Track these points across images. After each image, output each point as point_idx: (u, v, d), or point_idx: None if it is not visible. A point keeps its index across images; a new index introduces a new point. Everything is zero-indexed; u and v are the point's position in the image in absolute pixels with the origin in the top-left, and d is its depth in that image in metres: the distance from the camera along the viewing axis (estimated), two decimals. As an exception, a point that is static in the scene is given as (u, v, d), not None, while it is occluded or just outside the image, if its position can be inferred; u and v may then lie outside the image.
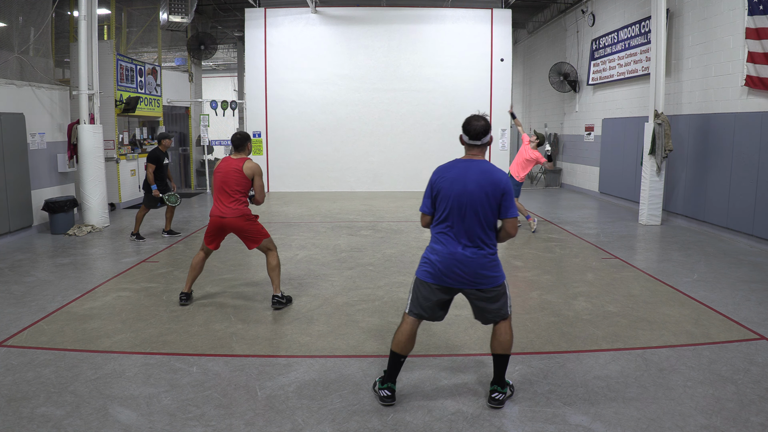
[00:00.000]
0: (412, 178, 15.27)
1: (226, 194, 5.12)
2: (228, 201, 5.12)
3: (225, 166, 5.17)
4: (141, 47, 15.17)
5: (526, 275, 6.56)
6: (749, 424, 3.24)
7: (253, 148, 15.09)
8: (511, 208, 3.37)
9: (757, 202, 7.93)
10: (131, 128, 12.98)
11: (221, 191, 5.15)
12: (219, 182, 5.16)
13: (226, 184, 5.11)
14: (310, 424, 3.27)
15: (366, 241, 8.46)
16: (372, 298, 5.64)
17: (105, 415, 3.35)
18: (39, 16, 9.49)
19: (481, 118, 3.61)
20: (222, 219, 5.13)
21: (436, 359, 4.18)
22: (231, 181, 5.10)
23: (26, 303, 5.47)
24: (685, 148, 9.73)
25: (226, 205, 5.12)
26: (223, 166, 5.19)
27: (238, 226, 5.15)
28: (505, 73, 15.03)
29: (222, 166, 5.20)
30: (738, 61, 8.36)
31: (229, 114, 15.74)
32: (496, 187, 3.32)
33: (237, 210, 5.12)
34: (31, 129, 9.06)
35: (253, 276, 6.53)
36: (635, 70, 11.65)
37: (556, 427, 3.23)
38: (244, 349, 4.36)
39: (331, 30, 14.90)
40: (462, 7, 14.87)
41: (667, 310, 5.27)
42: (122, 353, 4.27)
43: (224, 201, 5.13)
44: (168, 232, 8.88)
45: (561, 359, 4.16)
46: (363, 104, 15.04)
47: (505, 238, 3.42)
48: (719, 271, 6.69)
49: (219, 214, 5.13)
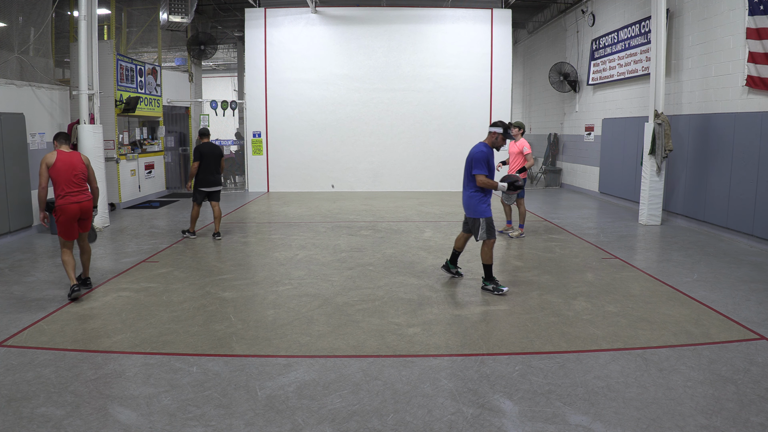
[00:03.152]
0: (412, 178, 15.28)
1: (76, 183, 5.79)
2: (85, 188, 5.89)
3: (70, 160, 5.79)
4: (141, 47, 15.17)
5: (526, 275, 6.56)
6: (749, 424, 3.24)
7: (253, 148, 15.15)
8: (474, 168, 5.74)
9: (757, 202, 7.92)
10: (131, 128, 12.98)
11: (72, 182, 5.76)
12: (69, 174, 5.72)
13: (78, 176, 5.81)
14: (310, 424, 3.27)
15: (366, 241, 8.47)
16: (372, 298, 5.64)
17: (105, 415, 3.35)
18: (39, 16, 9.49)
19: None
20: (80, 204, 5.78)
21: (436, 359, 4.18)
22: (80, 171, 5.83)
23: (26, 303, 5.47)
24: (685, 148, 9.73)
25: (84, 192, 5.84)
26: (67, 159, 5.77)
27: (90, 208, 5.92)
28: (505, 73, 15.05)
29: (66, 160, 5.76)
30: (738, 61, 8.36)
31: (229, 114, 15.75)
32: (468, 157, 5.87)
33: (89, 195, 5.94)
34: (31, 129, 9.06)
35: (253, 276, 6.53)
36: (635, 70, 11.65)
37: (556, 427, 3.23)
38: (244, 349, 4.36)
39: (331, 30, 14.90)
40: (462, 7, 14.88)
41: (667, 310, 5.27)
42: (122, 353, 4.27)
43: (84, 188, 5.86)
44: (216, 234, 8.70)
45: (561, 359, 4.16)
46: (363, 104, 15.05)
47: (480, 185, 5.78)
48: (719, 271, 6.69)
49: (77, 200, 5.75)
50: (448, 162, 15.21)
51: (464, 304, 5.45)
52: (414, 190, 15.15)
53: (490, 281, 5.89)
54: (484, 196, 5.85)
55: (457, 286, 6.10)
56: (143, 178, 13.12)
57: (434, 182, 15.24)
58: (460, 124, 15.10)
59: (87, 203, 5.85)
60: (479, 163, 5.72)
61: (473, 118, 15.08)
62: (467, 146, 15.21)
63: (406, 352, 4.31)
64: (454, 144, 15.18)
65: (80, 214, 5.78)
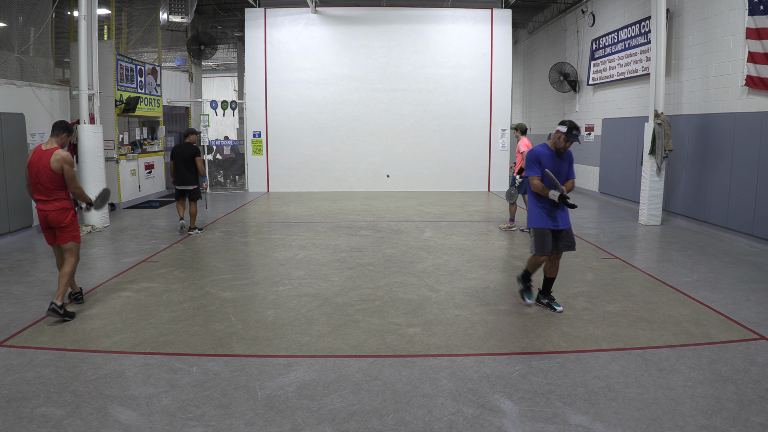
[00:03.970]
0: (412, 178, 15.28)
1: (41, 190, 5.02)
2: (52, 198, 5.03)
3: (38, 161, 5.00)
4: (141, 47, 15.17)
5: (526, 275, 6.56)
6: (749, 424, 3.24)
7: (253, 148, 15.13)
8: (526, 169, 5.15)
9: (757, 202, 7.92)
10: (131, 128, 12.98)
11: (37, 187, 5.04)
12: (33, 177, 5.03)
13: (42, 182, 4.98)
14: (310, 424, 3.27)
15: (366, 241, 8.47)
16: (372, 298, 5.64)
17: (105, 415, 3.35)
18: (39, 16, 9.49)
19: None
20: (45, 213, 5.06)
21: (436, 359, 4.18)
22: (45, 177, 4.97)
23: (26, 303, 5.47)
24: (685, 148, 9.73)
25: (50, 202, 5.03)
26: (36, 160, 5.02)
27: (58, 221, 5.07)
28: (505, 73, 15.05)
29: (34, 160, 5.03)
30: (738, 61, 8.36)
31: (229, 114, 15.74)
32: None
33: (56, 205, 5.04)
34: (31, 129, 9.06)
35: (253, 276, 6.53)
36: (635, 70, 11.65)
37: (556, 427, 3.23)
38: (244, 349, 4.36)
39: (331, 30, 14.91)
40: (462, 7, 14.88)
41: (667, 310, 5.27)
42: (122, 353, 4.27)
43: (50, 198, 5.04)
44: (191, 228, 9.05)
45: (561, 359, 4.16)
46: (363, 104, 15.05)
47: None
48: (719, 271, 6.69)
49: (42, 208, 5.07)
50: (448, 162, 15.22)
51: (464, 304, 5.45)
52: (414, 190, 15.15)
53: (521, 281, 5.47)
54: (539, 202, 5.12)
55: (457, 286, 6.09)
56: (143, 178, 13.12)
57: (434, 182, 15.25)
58: (460, 124, 15.11)
59: (53, 214, 5.04)
60: (529, 164, 5.07)
61: (473, 118, 15.09)
62: (467, 146, 15.46)
63: (406, 352, 4.31)
64: (454, 144, 15.19)
65: (48, 223, 5.10)
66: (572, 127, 4.87)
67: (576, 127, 4.87)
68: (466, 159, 15.23)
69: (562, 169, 5.10)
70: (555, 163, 5.03)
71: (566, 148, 5.00)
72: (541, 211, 5.07)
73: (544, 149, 5.06)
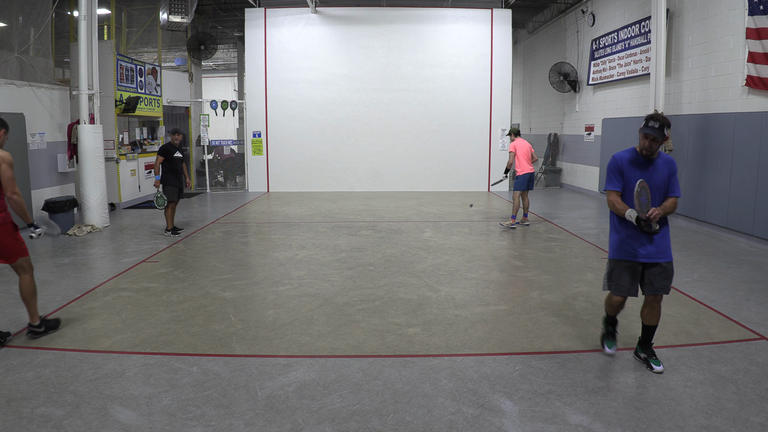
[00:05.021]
0: (412, 178, 15.28)
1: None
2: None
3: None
4: (141, 47, 15.17)
5: (526, 275, 6.56)
6: (749, 424, 3.24)
7: (253, 148, 15.13)
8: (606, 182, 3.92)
9: (757, 202, 7.92)
10: (131, 128, 12.99)
11: None
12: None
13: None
14: (310, 424, 3.27)
15: (366, 241, 8.47)
16: (372, 298, 5.64)
17: (105, 415, 3.35)
18: (39, 16, 9.50)
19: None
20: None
21: (436, 359, 4.18)
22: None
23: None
24: (685, 148, 9.73)
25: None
26: None
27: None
28: (505, 73, 15.05)
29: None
30: (738, 61, 8.36)
31: (229, 114, 15.75)
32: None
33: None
34: (31, 129, 9.07)
35: (253, 276, 6.53)
36: (635, 70, 11.65)
37: (556, 427, 3.23)
38: (244, 349, 4.36)
39: (331, 30, 14.91)
40: (462, 7, 14.88)
41: (667, 310, 5.26)
42: (122, 353, 4.27)
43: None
44: (171, 230, 8.89)
45: (561, 359, 4.16)
46: (363, 104, 15.05)
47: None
48: (719, 271, 6.69)
49: None
50: (448, 162, 15.22)
51: (464, 304, 5.45)
52: (414, 190, 15.15)
53: (603, 324, 4.31)
54: (617, 224, 3.89)
55: (457, 286, 6.09)
56: (143, 178, 13.12)
57: (434, 182, 15.25)
58: (460, 124, 15.11)
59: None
60: (608, 175, 3.84)
61: (473, 118, 15.09)
62: (467, 146, 15.47)
63: (406, 352, 4.31)
64: (454, 144, 15.19)
65: None
66: (649, 118, 3.76)
67: (654, 117, 3.73)
68: (466, 159, 15.23)
69: (654, 180, 3.76)
70: (643, 173, 3.77)
71: (653, 150, 3.74)
72: (617, 237, 3.88)
73: (628, 154, 3.87)
